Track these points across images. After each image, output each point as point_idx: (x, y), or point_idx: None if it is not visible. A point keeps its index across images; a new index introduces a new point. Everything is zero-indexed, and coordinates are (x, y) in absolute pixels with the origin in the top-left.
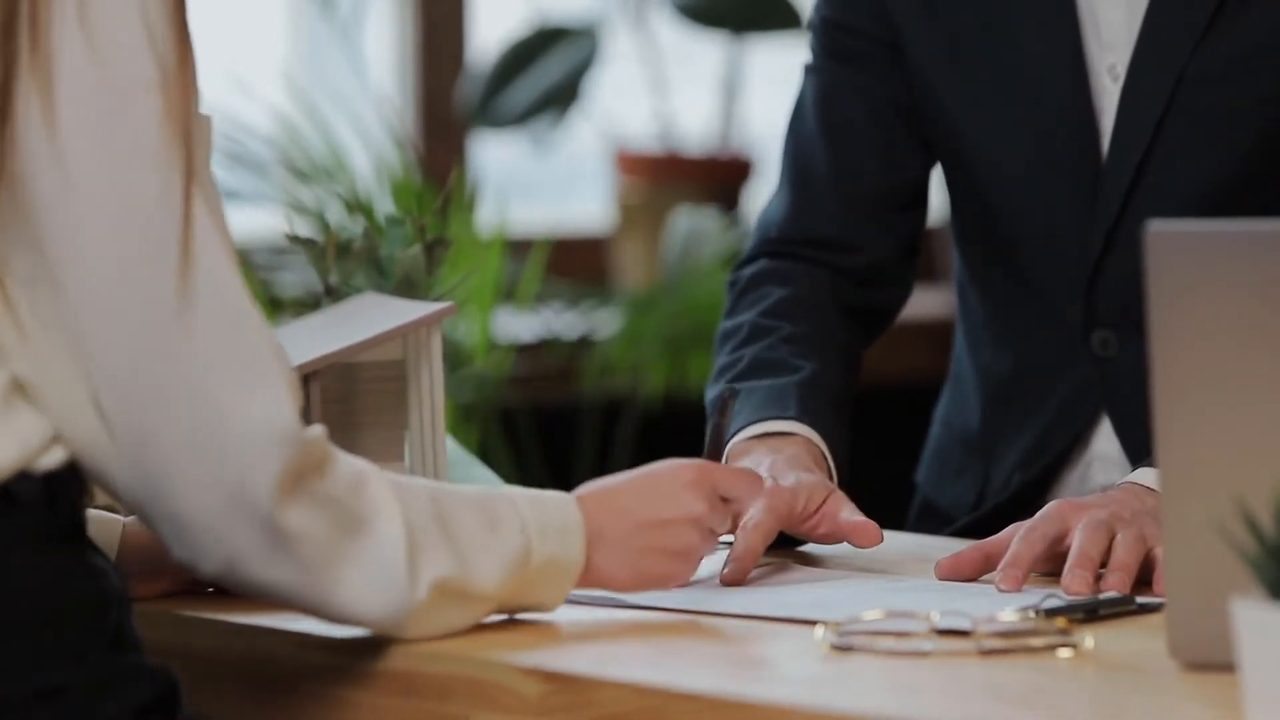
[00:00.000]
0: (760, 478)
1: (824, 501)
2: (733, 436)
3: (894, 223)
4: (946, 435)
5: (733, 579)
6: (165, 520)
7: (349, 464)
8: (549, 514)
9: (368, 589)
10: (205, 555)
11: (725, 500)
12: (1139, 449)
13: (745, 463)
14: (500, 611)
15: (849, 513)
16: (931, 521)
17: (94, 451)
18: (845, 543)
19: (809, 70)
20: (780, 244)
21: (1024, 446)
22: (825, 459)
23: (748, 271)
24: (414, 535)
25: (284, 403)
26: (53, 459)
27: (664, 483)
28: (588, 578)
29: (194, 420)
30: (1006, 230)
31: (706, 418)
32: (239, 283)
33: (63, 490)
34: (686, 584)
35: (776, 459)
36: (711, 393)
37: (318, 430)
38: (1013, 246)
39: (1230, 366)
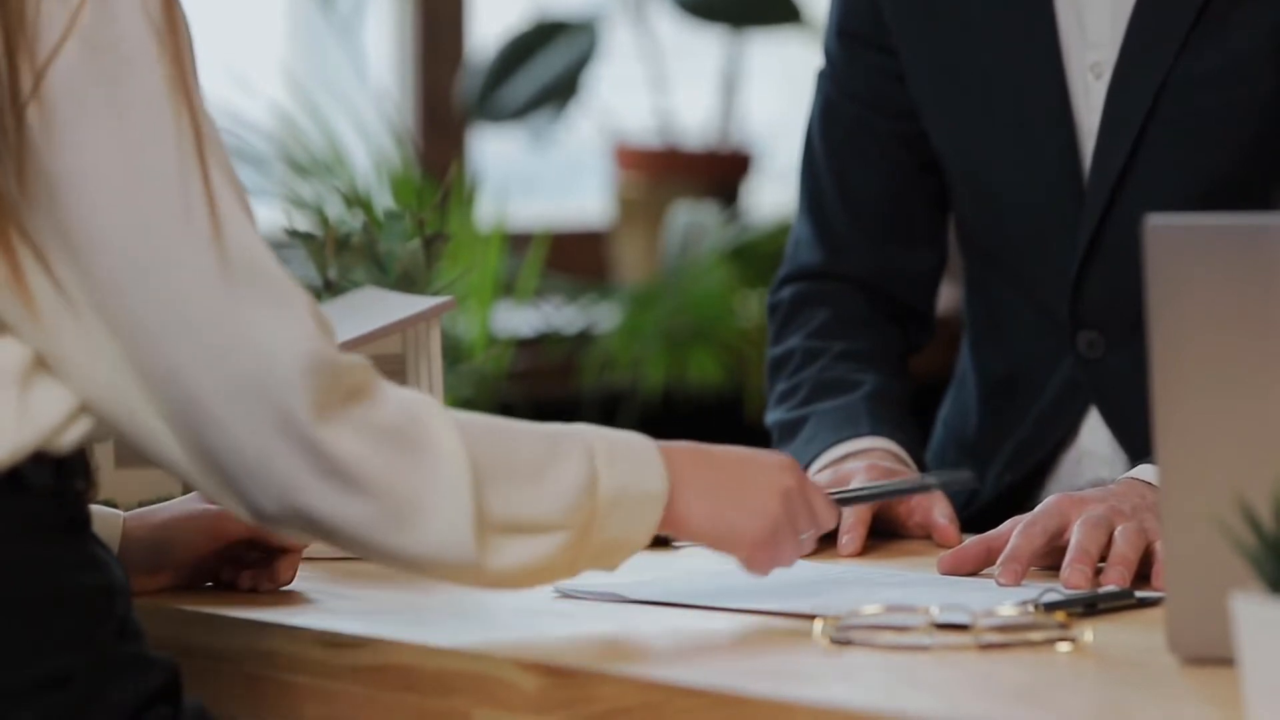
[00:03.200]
0: (836, 507)
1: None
2: (809, 464)
3: (909, 260)
4: (946, 436)
5: (852, 549)
6: (217, 472)
7: (400, 393)
8: (619, 445)
9: (434, 524)
10: (261, 495)
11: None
12: (1131, 447)
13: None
14: (580, 552)
15: (940, 513)
16: None
17: (133, 420)
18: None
19: (819, 79)
20: (812, 270)
21: (1013, 447)
22: (907, 464)
23: (786, 294)
24: (478, 466)
25: (308, 326)
26: (70, 438)
27: (756, 455)
28: (670, 517)
29: (230, 360)
30: (996, 231)
31: (773, 444)
32: (253, 226)
33: (70, 481)
34: (761, 565)
35: (865, 466)
36: (771, 418)
37: (357, 358)
38: (1003, 247)
39: (1229, 361)
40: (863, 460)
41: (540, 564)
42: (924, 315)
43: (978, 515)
